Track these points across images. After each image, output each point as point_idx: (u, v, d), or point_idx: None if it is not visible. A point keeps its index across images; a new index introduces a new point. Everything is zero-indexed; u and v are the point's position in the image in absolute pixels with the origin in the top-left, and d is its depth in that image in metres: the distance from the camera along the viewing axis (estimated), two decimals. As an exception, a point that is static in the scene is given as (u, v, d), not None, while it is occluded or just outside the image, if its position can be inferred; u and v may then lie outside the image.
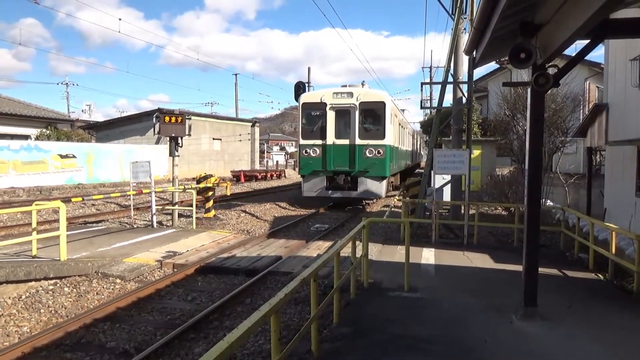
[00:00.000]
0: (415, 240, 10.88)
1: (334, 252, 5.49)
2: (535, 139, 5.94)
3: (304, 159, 18.31)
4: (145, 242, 11.17)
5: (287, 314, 6.93)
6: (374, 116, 18.11)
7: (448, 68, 13.39)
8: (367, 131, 17.86)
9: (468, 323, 5.87)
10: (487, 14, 5.30)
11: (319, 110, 18.21)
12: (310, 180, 18.25)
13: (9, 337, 6.42)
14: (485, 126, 25.92)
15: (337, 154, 17.87)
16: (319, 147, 18.03)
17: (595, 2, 3.98)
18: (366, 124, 18.03)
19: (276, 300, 3.54)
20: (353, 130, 17.75)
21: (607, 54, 14.06)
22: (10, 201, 18.52)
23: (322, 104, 18.04)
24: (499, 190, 15.77)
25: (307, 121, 18.66)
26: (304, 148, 18.32)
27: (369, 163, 17.60)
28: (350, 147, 17.84)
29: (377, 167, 17.57)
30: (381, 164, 17.60)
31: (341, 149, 17.90)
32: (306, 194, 18.36)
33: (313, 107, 18.39)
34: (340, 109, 17.95)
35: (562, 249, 10.52)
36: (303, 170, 18.37)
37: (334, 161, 17.89)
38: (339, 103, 17.93)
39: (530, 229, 6.00)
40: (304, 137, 18.50)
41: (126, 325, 6.59)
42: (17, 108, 30.06)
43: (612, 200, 13.67)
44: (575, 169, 19.05)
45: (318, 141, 18.07)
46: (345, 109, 17.90)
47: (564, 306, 6.59)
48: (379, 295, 6.92)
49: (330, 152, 17.91)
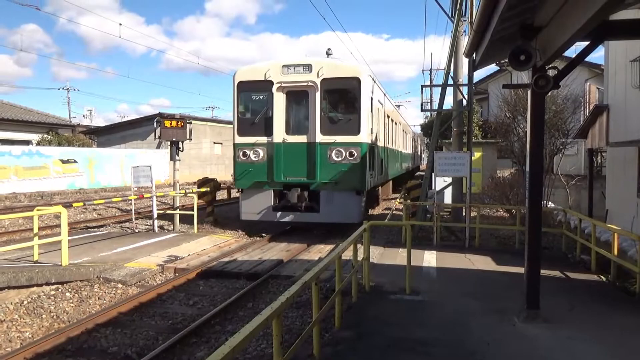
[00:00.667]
0: (417, 243, 10.87)
1: (335, 255, 5.48)
2: (535, 141, 5.94)
3: (240, 166, 12.86)
4: (146, 246, 11.17)
5: (289, 317, 6.93)
6: (344, 100, 12.87)
7: (448, 70, 13.42)
8: (333, 122, 12.45)
9: (470, 326, 5.86)
10: (486, 16, 5.31)
11: (263, 93, 12.80)
12: (250, 196, 12.86)
13: (11, 342, 6.41)
14: (486, 128, 25.93)
15: (289, 157, 12.53)
16: (263, 148, 12.62)
17: (595, 4, 3.99)
18: (333, 112, 12.58)
19: (278, 304, 3.53)
20: (313, 121, 12.37)
21: (607, 55, 14.07)
22: (12, 206, 18.54)
23: (267, 82, 12.49)
24: (500, 192, 15.75)
25: (246, 109, 13.32)
26: (241, 149, 12.83)
27: (337, 170, 12.18)
28: (308, 146, 12.42)
29: (350, 177, 12.16)
30: (355, 171, 12.17)
31: (295, 149, 12.50)
32: (245, 217, 13.11)
33: (254, 87, 12.91)
34: (293, 89, 12.61)
35: (564, 251, 10.50)
36: (240, 182, 12.91)
37: (285, 168, 12.56)
38: (292, 81, 12.48)
39: (532, 231, 5.99)
40: (241, 132, 12.95)
41: (128, 330, 6.58)
42: (19, 114, 30.15)
43: (613, 201, 13.66)
44: (577, 170, 19.04)
45: (261, 138, 12.66)
46: (301, 90, 12.55)
47: (566, 308, 6.57)
48: (381, 299, 6.91)
49: (279, 155, 12.52)
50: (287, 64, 12.58)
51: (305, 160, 12.45)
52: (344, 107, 12.76)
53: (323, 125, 12.34)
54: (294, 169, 12.51)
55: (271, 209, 12.71)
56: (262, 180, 12.65)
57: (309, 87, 12.46)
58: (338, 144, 12.18)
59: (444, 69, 13.82)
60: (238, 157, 12.89)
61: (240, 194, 13.17)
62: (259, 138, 12.69)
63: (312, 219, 12.60)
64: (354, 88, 12.32)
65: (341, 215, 12.30)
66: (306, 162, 12.43)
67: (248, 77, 12.93)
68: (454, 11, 13.53)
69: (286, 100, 12.66)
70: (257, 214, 12.82)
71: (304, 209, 12.46)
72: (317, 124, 12.31)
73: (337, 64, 12.78)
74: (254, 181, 12.70)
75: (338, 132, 12.28)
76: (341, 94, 12.80)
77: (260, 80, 12.60)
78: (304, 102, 12.67)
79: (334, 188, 12.21)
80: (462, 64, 13.68)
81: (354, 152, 12.12)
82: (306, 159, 12.44)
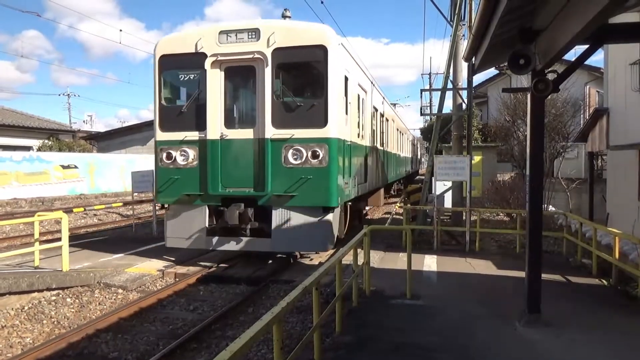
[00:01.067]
0: (417, 247, 10.85)
1: (336, 260, 5.48)
2: (535, 145, 5.94)
3: (164, 172, 9.66)
4: (147, 251, 11.16)
5: (290, 322, 6.91)
6: (305, 78, 9.72)
7: (447, 74, 13.43)
8: (290, 110, 9.08)
9: (471, 330, 5.85)
10: (485, 20, 5.32)
11: (193, 71, 9.44)
12: (177, 215, 9.62)
13: (12, 348, 6.41)
14: (486, 132, 25.94)
15: (229, 159, 9.33)
16: (194, 147, 9.44)
17: (594, 8, 4.00)
18: (289, 97, 9.14)
19: (278, 309, 3.53)
20: (262, 109, 9.07)
21: (607, 59, 14.11)
22: (12, 212, 18.55)
23: (199, 56, 9.25)
24: (501, 196, 15.73)
25: (172, 94, 10.14)
26: (165, 149, 9.67)
27: (295, 178, 8.94)
28: (256, 144, 9.17)
29: (314, 187, 8.87)
30: (322, 179, 8.89)
31: (238, 149, 9.33)
32: (171, 244, 9.76)
33: (181, 63, 9.56)
34: (235, 64, 9.28)
35: (565, 255, 10.48)
36: (163, 195, 9.69)
37: (224, 175, 9.33)
38: (233, 53, 9.16)
39: (533, 235, 5.98)
40: (164, 126, 9.73)
41: (128, 336, 6.57)
42: (20, 120, 30.23)
43: (614, 204, 13.65)
44: (577, 173, 19.02)
45: (192, 134, 9.45)
46: (245, 66, 9.22)
47: (567, 312, 6.56)
48: (381, 303, 6.90)
49: (215, 157, 9.29)
50: (226, 29, 9.17)
51: (251, 163, 9.16)
52: (306, 89, 9.64)
53: (276, 114, 8.98)
54: (236, 176, 9.26)
55: (204, 233, 9.38)
56: (192, 192, 9.35)
57: (255, 62, 9.02)
58: (297, 141, 8.87)
59: (444, 73, 13.84)
60: (160, 161, 9.66)
61: (165, 211, 9.82)
62: (189, 134, 9.41)
63: (261, 246, 9.29)
64: (318, 61, 8.87)
65: (301, 241, 9.14)
66: (253, 166, 9.14)
67: (173, 49, 9.56)
68: (453, 15, 13.56)
69: (225, 80, 9.32)
70: (187, 239, 9.47)
71: (250, 233, 9.21)
72: (267, 112, 8.94)
73: (293, 27, 9.21)
74: (182, 194, 9.40)
75: (297, 124, 8.93)
76: (301, 69, 9.45)
77: (190, 54, 9.29)
78: (249, 83, 9.43)
79: (291, 203, 8.93)
80: (462, 68, 13.70)
81: (319, 152, 8.78)
82: (253, 163, 9.15)
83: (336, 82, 8.97)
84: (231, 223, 8.99)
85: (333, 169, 8.91)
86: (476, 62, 7.45)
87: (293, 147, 8.89)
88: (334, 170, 8.92)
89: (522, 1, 4.87)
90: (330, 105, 8.85)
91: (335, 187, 8.97)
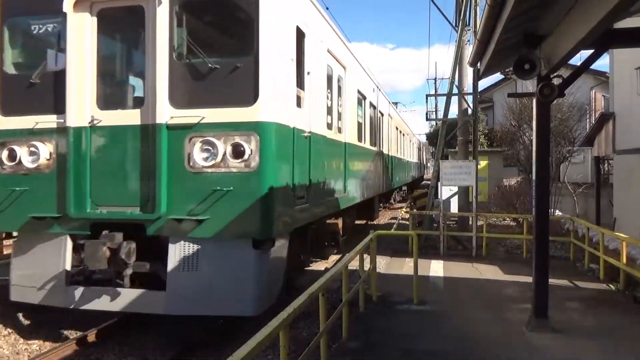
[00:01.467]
0: (424, 252, 10.82)
1: (342, 265, 5.47)
2: (542, 149, 5.94)
3: (2, 180, 6.18)
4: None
5: (296, 328, 6.90)
6: (222, 24, 6.37)
7: (453, 80, 13.45)
8: (199, 78, 5.64)
9: (478, 336, 5.82)
10: (490, 25, 5.34)
11: (51, 18, 6.05)
12: (27, 249, 6.19)
13: (18, 355, 6.43)
14: (492, 137, 25.90)
15: (103, 160, 5.94)
16: (49, 140, 6.02)
17: (599, 12, 4.00)
18: (198, 54, 5.52)
19: (285, 315, 3.54)
20: (151, 74, 5.66)
21: (612, 63, 14.09)
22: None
23: None
24: (507, 200, 15.70)
25: (19, 56, 6.51)
26: (5, 144, 6.14)
27: (206, 190, 5.48)
28: (144, 135, 5.76)
29: (237, 206, 5.43)
30: (249, 193, 5.45)
31: (117, 142, 5.93)
32: (16, 297, 6.19)
33: (33, 7, 6.16)
34: (112, 5, 5.99)
35: (572, 260, 10.42)
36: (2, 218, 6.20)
37: (95, 185, 5.89)
38: None
39: (539, 239, 5.96)
40: (4, 107, 6.22)
41: (136, 343, 6.57)
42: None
43: (621, 209, 13.58)
44: (583, 178, 18.94)
45: (46, 119, 6.01)
46: (127, 6, 6.08)
47: (575, 317, 6.52)
48: (388, 309, 6.88)
49: (81, 155, 5.88)
50: None
51: (136, 166, 5.81)
52: (225, 43, 6.45)
53: (176, 84, 5.64)
54: (114, 187, 5.88)
55: (63, 280, 5.88)
56: (45, 213, 5.96)
57: (144, 6, 5.76)
58: (209, 127, 5.52)
59: (449, 78, 13.87)
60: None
61: (14, 243, 6.61)
62: (41, 118, 6.01)
63: (148, 306, 5.77)
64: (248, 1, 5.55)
65: (216, 298, 5.64)
66: (139, 171, 5.79)
67: None
68: (458, 21, 13.59)
69: (98, 33, 6.00)
70: (38, 289, 5.97)
71: (133, 282, 5.71)
72: (161, 81, 5.58)
73: None
74: (29, 216, 5.99)
75: (210, 100, 5.61)
76: (217, 10, 6.13)
77: None
78: (137, 35, 6.20)
79: (199, 233, 5.54)
80: (467, 73, 13.70)
81: (245, 147, 5.43)
82: (140, 165, 5.79)
83: (276, 31, 5.75)
84: (92, 267, 5.53)
85: (268, 175, 5.53)
86: (481, 67, 7.46)
87: (203, 137, 5.49)
88: (269, 176, 5.54)
89: (526, 7, 4.89)
90: (263, 68, 5.46)
91: (273, 206, 5.60)
